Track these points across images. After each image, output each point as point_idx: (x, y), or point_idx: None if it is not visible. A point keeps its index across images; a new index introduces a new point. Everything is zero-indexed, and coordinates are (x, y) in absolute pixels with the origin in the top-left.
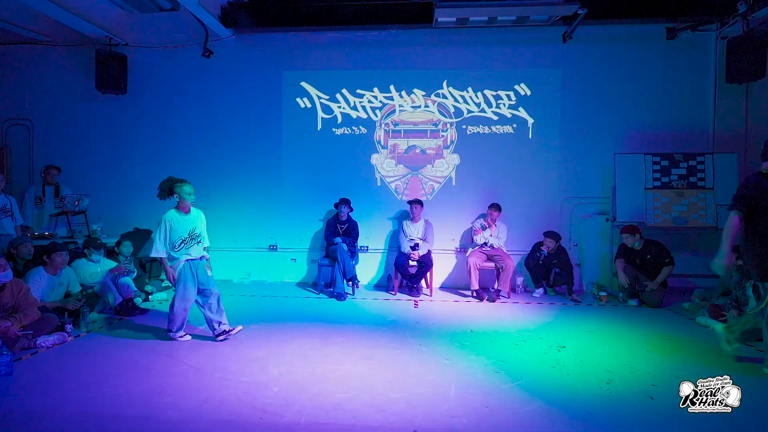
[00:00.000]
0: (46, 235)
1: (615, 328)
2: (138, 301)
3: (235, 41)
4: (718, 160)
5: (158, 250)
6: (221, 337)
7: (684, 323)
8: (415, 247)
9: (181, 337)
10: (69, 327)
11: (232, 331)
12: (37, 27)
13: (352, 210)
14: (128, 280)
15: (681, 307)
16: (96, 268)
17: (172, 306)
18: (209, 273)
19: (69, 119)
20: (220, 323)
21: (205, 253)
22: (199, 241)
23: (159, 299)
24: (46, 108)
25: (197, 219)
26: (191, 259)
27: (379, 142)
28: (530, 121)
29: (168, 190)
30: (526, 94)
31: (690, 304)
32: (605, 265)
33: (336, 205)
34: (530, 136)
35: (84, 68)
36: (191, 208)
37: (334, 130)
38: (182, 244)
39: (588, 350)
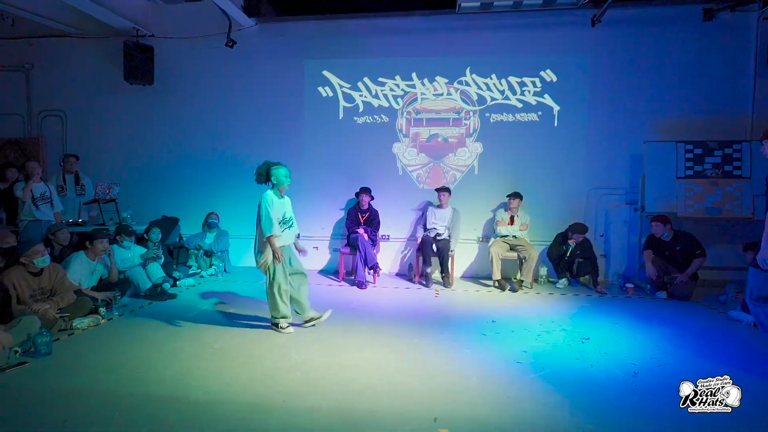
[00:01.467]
0: (80, 222)
1: (641, 320)
2: (166, 286)
3: (258, 31)
4: (757, 147)
5: (273, 224)
6: (308, 324)
7: (715, 317)
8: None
9: (285, 328)
10: (102, 310)
11: (320, 318)
12: (66, 19)
13: (372, 199)
14: (157, 265)
15: (716, 301)
16: (127, 254)
17: (272, 294)
18: (299, 257)
19: (99, 110)
20: (305, 309)
21: (296, 240)
22: (291, 225)
23: (186, 285)
24: (78, 99)
25: (288, 204)
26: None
27: (400, 131)
28: (556, 108)
29: (265, 174)
30: (552, 80)
31: (728, 298)
32: (633, 257)
33: (357, 194)
34: (556, 124)
35: (112, 59)
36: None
37: (355, 119)
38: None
39: (613, 342)
